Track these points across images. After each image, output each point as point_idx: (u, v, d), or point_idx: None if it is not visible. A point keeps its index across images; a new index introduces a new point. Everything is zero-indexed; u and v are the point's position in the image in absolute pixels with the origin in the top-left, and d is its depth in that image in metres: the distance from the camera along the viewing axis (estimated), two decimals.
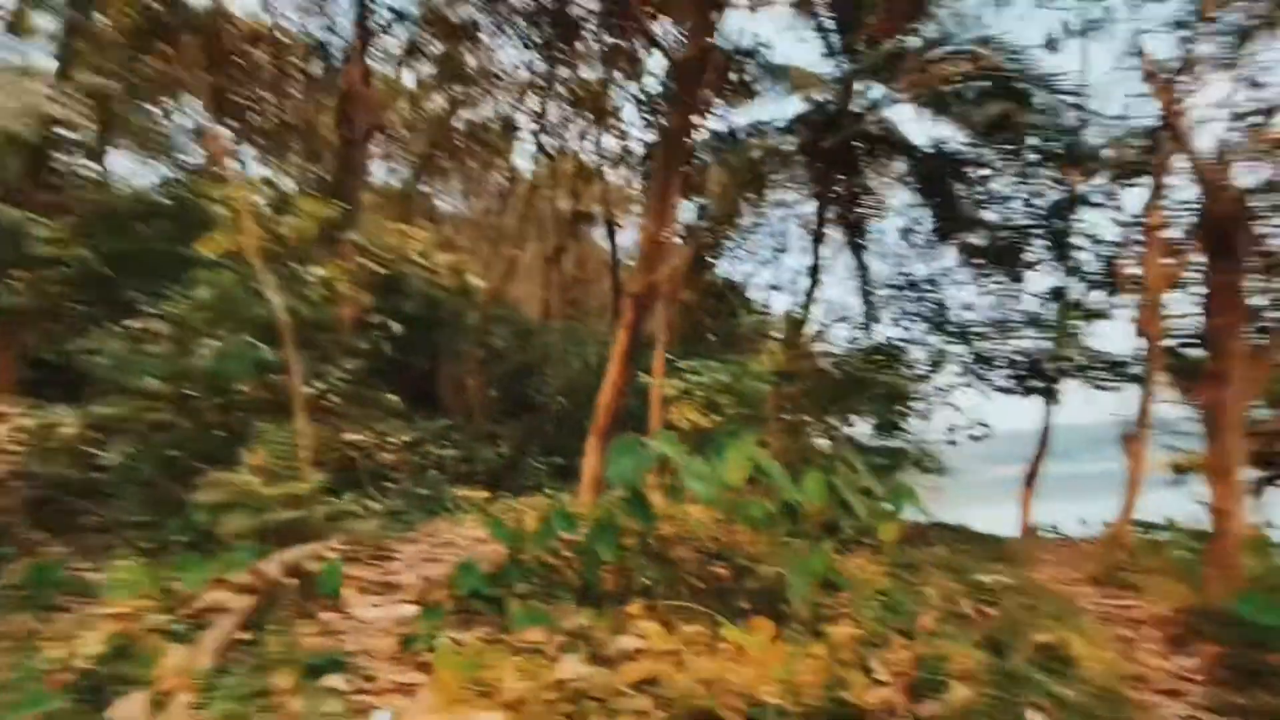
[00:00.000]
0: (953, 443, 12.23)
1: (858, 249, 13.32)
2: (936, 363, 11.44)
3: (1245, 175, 8.12)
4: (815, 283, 12.18)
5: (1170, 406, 9.10)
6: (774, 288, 14.50)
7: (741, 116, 12.53)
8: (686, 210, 12.44)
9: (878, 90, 11.09)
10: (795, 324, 11.57)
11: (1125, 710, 3.06)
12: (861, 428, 11.52)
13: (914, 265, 12.86)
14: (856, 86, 11.07)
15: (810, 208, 13.09)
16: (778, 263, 14.25)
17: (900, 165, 12.82)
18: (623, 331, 7.72)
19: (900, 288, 12.78)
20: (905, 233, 13.08)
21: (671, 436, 4.48)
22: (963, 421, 11.97)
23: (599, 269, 20.16)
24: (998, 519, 11.72)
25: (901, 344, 11.88)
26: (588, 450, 7.32)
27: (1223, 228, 4.20)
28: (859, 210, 13.23)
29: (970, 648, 3.24)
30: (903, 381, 11.16)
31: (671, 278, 8.69)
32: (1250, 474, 10.15)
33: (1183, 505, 9.09)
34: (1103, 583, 6.01)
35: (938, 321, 11.85)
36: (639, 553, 4.06)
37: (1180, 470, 9.16)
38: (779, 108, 18.70)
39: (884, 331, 12.48)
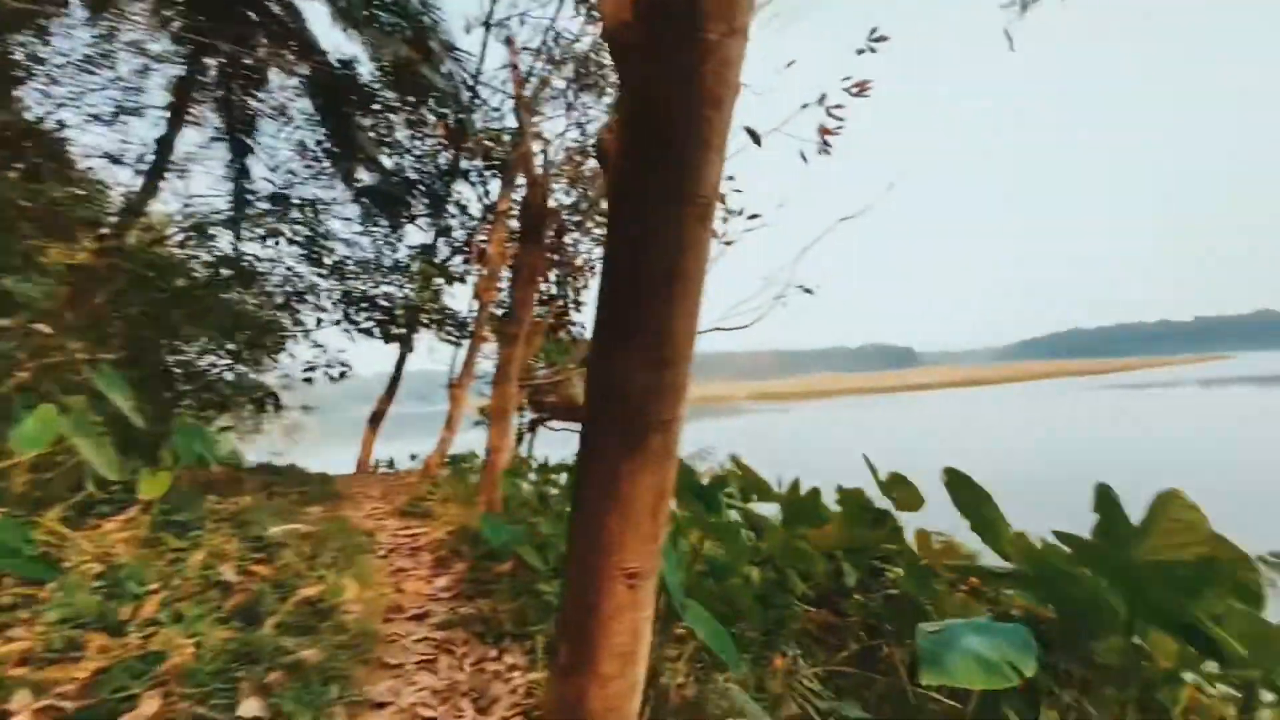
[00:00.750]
0: (309, 380, 11.70)
1: (239, 146, 11.05)
2: (303, 295, 10.59)
3: (559, 184, 10.66)
4: (164, 163, 9.37)
5: (490, 361, 11.17)
6: (112, 158, 10.47)
7: None
8: None
9: None
10: (132, 210, 8.56)
11: (371, 649, 3.11)
12: (211, 358, 9.59)
13: (300, 187, 11.61)
14: None
15: (179, 69, 9.99)
16: (123, 126, 10.33)
17: (304, 69, 11.30)
18: None
19: (280, 206, 11.27)
20: (300, 148, 11.65)
21: None
22: (326, 360, 11.57)
23: None
24: (350, 458, 11.92)
25: (266, 267, 10.49)
26: None
27: (534, 215, 5.07)
28: (247, 99, 10.99)
29: (212, 626, 2.68)
30: (263, 309, 9.84)
31: None
32: (525, 417, 13.57)
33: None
34: (407, 514, 6.58)
35: (314, 252, 11.00)
36: None
37: (484, 413, 11.26)
38: None
39: (251, 249, 10.77)
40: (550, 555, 4.02)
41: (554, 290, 10.37)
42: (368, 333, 11.29)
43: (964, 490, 3.09)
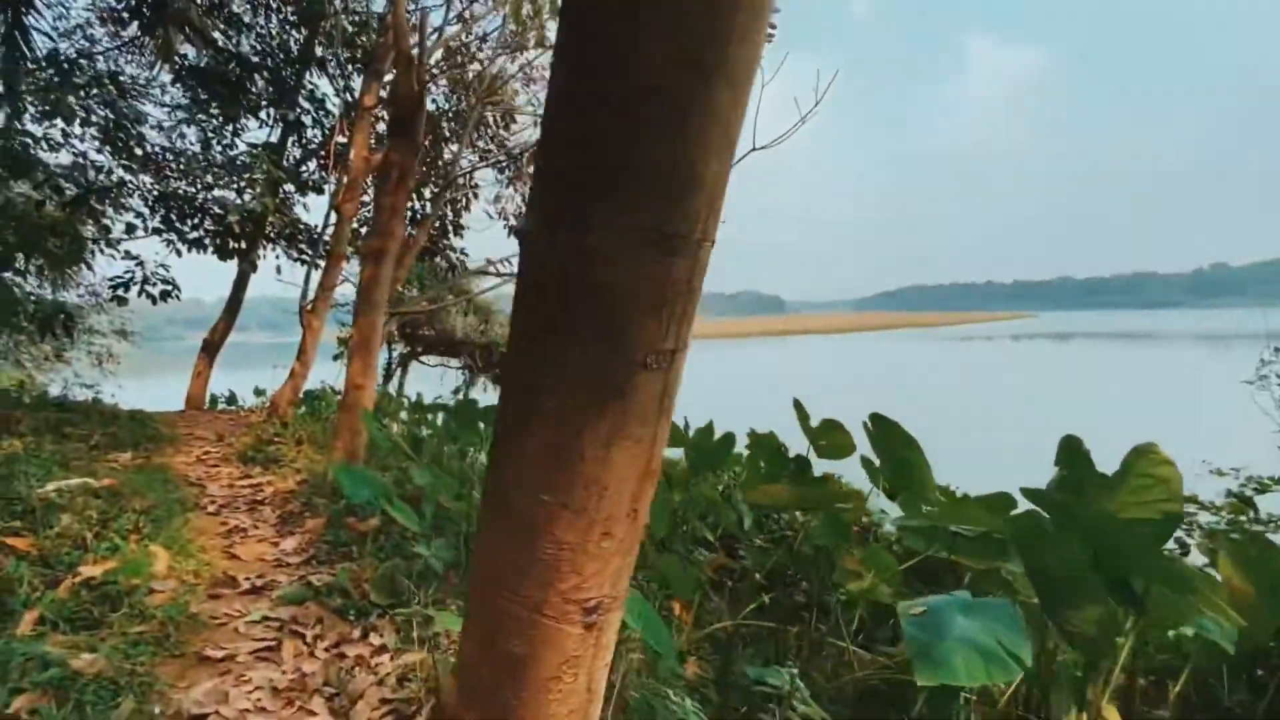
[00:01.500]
0: (121, 299, 9.69)
1: (13, 4, 8.44)
2: (108, 192, 8.55)
3: (437, 86, 9.35)
4: None
5: (351, 285, 9.88)
6: None
7: None
8: None
9: None
10: None
11: (185, 641, 2.42)
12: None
13: (102, 59, 9.21)
14: None
15: None
16: None
17: None
18: None
19: (69, 74, 8.89)
20: (103, 15, 9.19)
21: None
22: (143, 275, 9.60)
23: None
24: (182, 393, 10.13)
25: (53, 157, 8.29)
26: None
27: (406, 105, 4.17)
28: None
29: None
30: (47, 207, 7.81)
31: None
32: (395, 351, 12.40)
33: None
34: (248, 460, 5.60)
35: (119, 140, 8.87)
36: None
37: (345, 344, 10.03)
38: None
39: (37, 134, 8.42)
40: (427, 510, 3.45)
41: (428, 209, 9.20)
42: (198, 245, 9.46)
43: (888, 437, 2.91)
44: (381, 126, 9.68)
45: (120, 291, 9.52)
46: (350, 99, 9.47)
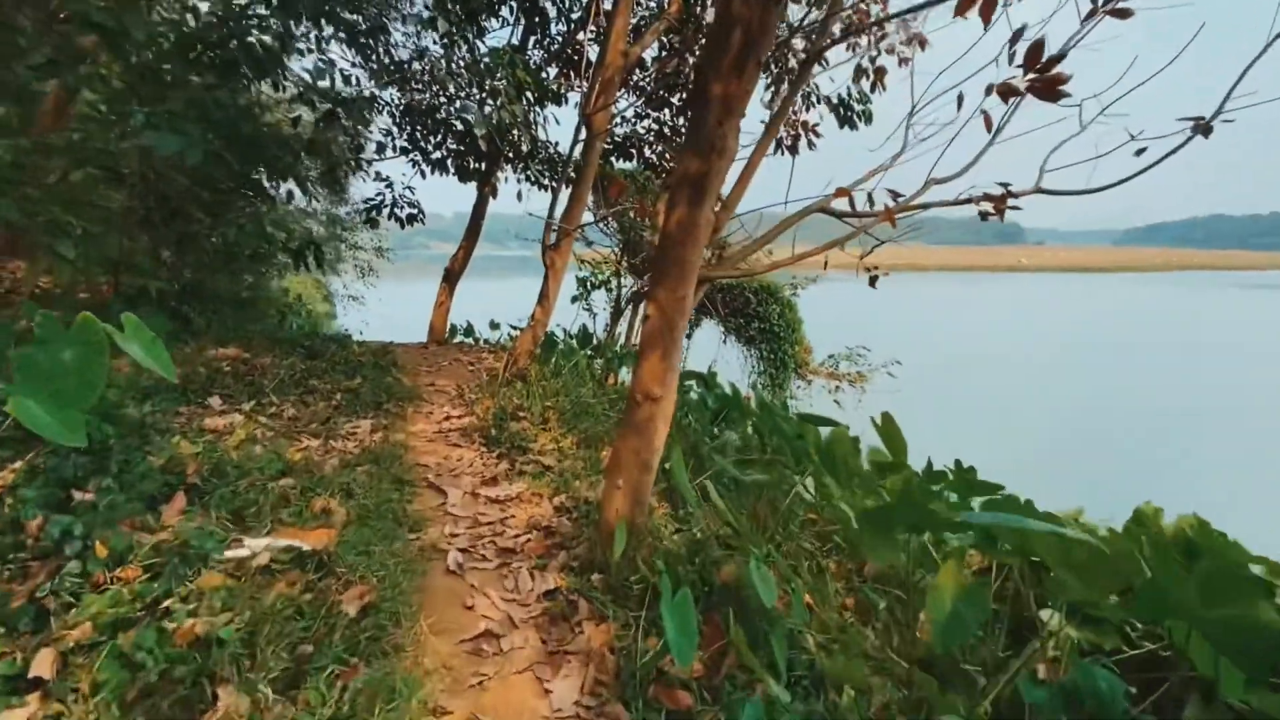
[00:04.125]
0: (373, 223, 9.58)
1: None
2: (359, 106, 8.04)
3: None
4: None
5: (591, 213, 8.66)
6: None
7: None
8: None
9: None
10: None
11: None
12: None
13: None
14: None
15: None
16: None
17: None
18: None
19: None
20: None
21: None
22: (393, 198, 9.33)
23: None
24: (430, 294, 9.86)
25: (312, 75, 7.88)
26: None
27: (743, 29, 2.28)
28: None
29: None
30: (299, 127, 7.43)
31: None
32: (625, 285, 11.18)
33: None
34: (491, 440, 4.56)
35: (369, 48, 8.26)
36: None
37: (587, 285, 8.92)
38: None
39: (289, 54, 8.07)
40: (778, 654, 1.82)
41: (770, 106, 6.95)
42: (439, 166, 8.83)
43: None
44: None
45: (373, 214, 9.40)
46: None
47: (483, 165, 8.89)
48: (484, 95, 7.64)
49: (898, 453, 4.06)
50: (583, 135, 6.51)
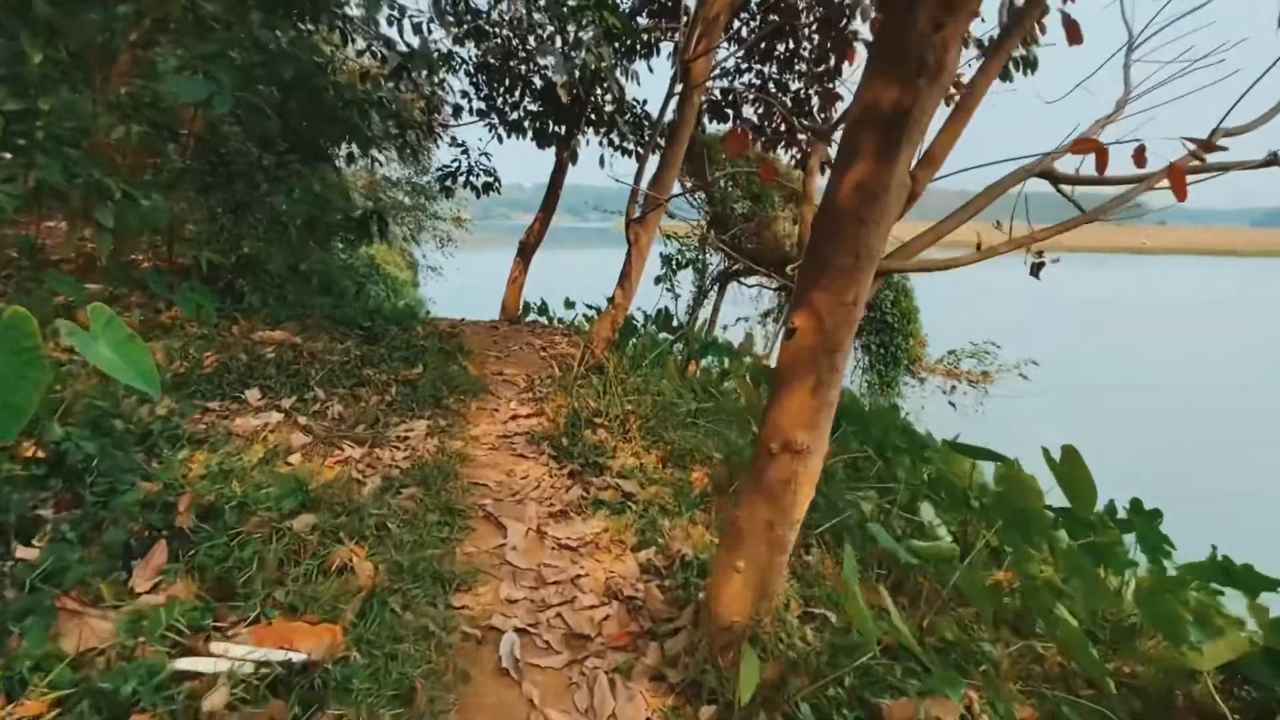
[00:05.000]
0: (449, 191, 9.04)
1: None
2: (434, 63, 7.38)
3: None
4: None
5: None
6: None
7: None
8: None
9: None
10: None
11: None
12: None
13: None
14: None
15: None
16: None
17: None
18: None
19: None
20: None
21: None
22: (469, 165, 8.75)
23: None
24: (505, 264, 9.23)
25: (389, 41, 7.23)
26: None
27: None
28: None
29: None
30: (375, 92, 6.85)
31: None
32: (713, 263, 10.18)
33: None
34: (562, 452, 3.82)
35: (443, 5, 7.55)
36: None
37: (672, 263, 8.01)
38: None
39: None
40: None
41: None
42: (516, 128, 8.10)
43: None
44: None
45: (448, 183, 8.86)
46: None
47: (562, 128, 8.09)
48: (568, 47, 6.78)
49: (1082, 501, 3.03)
50: (678, 89, 5.56)
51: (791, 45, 7.41)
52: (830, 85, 6.62)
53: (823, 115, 6.67)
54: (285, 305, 5.13)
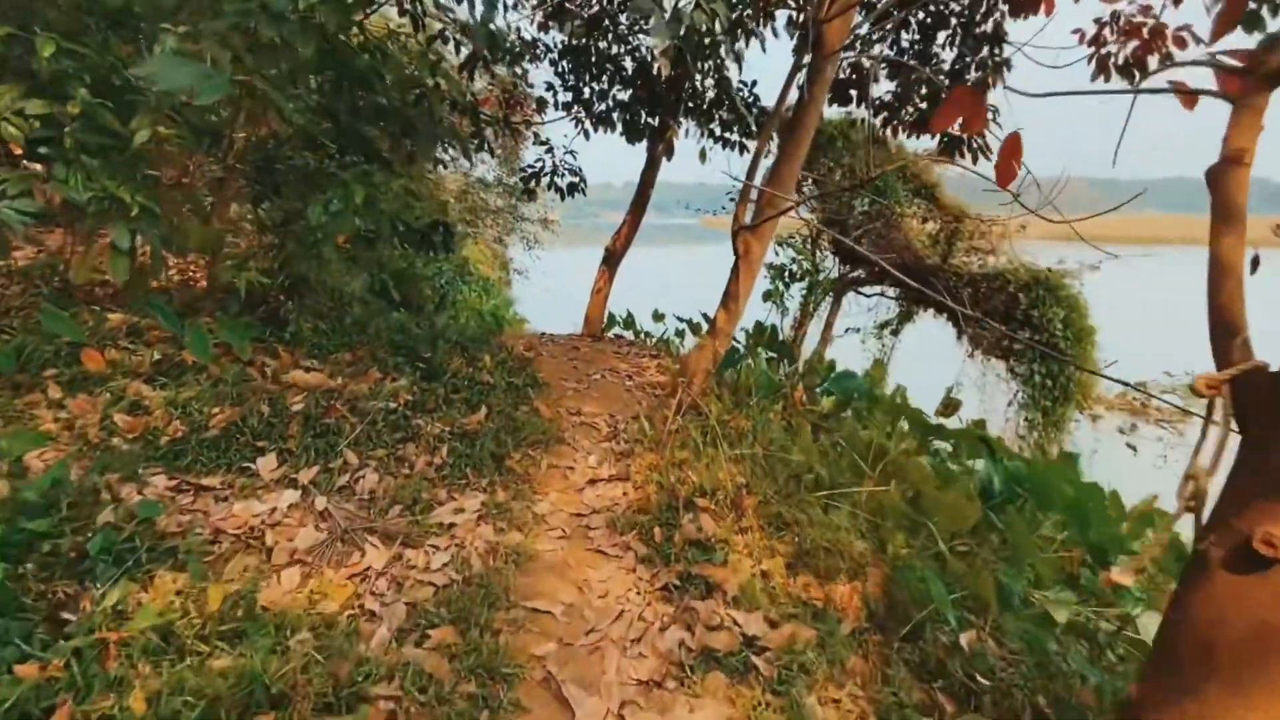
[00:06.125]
0: (530, 193, 8.31)
1: None
2: (514, 54, 6.59)
3: None
4: None
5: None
6: None
7: None
8: None
9: None
10: None
11: None
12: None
13: None
14: None
15: None
16: None
17: None
18: None
19: None
20: None
21: None
22: (553, 165, 7.97)
23: None
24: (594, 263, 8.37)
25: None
26: None
27: None
28: None
29: None
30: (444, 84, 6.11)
31: None
32: (827, 266, 8.85)
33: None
34: (660, 555, 2.83)
35: None
36: None
37: (783, 275, 6.82)
38: None
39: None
40: None
41: None
42: (604, 121, 7.19)
43: None
44: None
45: (530, 183, 8.12)
46: None
47: (655, 119, 7.10)
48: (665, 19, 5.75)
49: None
50: (806, 59, 4.40)
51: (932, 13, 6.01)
52: (998, 54, 5.22)
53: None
54: (340, 331, 4.45)
